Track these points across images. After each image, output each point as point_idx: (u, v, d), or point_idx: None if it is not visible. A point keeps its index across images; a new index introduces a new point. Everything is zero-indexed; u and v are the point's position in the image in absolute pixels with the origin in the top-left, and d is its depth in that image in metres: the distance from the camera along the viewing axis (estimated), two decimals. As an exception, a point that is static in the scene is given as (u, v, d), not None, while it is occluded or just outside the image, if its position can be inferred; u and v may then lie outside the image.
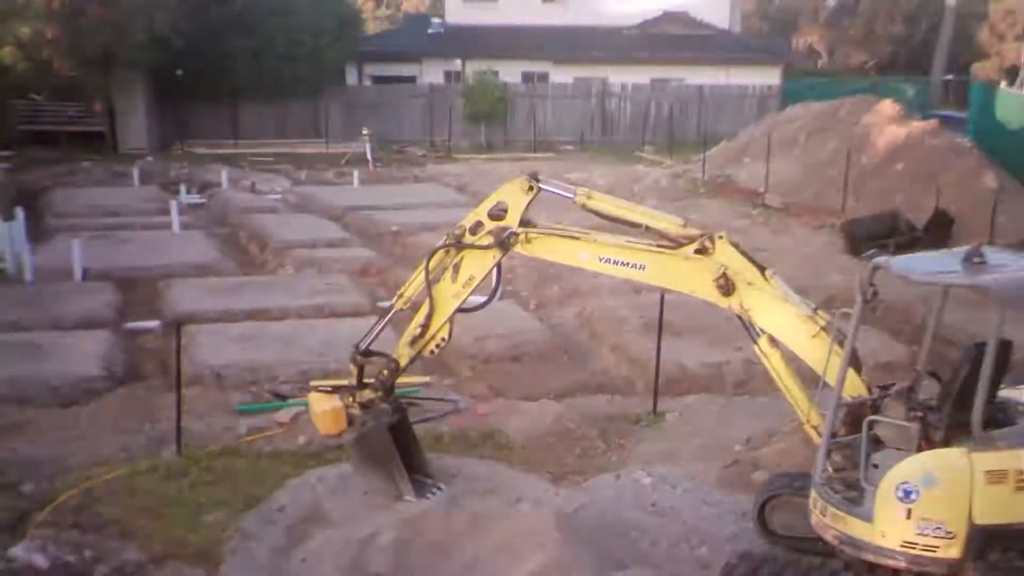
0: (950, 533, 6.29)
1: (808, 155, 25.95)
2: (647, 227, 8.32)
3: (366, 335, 9.05)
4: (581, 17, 41.92)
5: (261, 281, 17.30)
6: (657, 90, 40.27)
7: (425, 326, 8.70)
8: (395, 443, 8.99)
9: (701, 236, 7.95)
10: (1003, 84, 37.36)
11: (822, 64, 57.14)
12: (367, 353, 9.01)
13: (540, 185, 8.42)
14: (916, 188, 21.75)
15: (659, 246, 8.13)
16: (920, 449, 6.56)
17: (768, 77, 40.69)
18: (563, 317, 15.56)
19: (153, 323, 14.60)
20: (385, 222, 21.91)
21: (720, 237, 7.89)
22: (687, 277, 7.95)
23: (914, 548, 6.37)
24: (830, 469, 6.99)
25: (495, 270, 8.73)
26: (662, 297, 12.06)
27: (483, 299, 9.06)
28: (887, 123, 24.90)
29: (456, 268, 8.62)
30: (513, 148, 37.58)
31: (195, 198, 25.57)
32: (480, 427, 10.91)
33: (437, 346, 8.87)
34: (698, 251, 7.87)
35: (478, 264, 8.58)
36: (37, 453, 9.96)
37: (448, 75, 41.05)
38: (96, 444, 10.28)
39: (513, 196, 8.48)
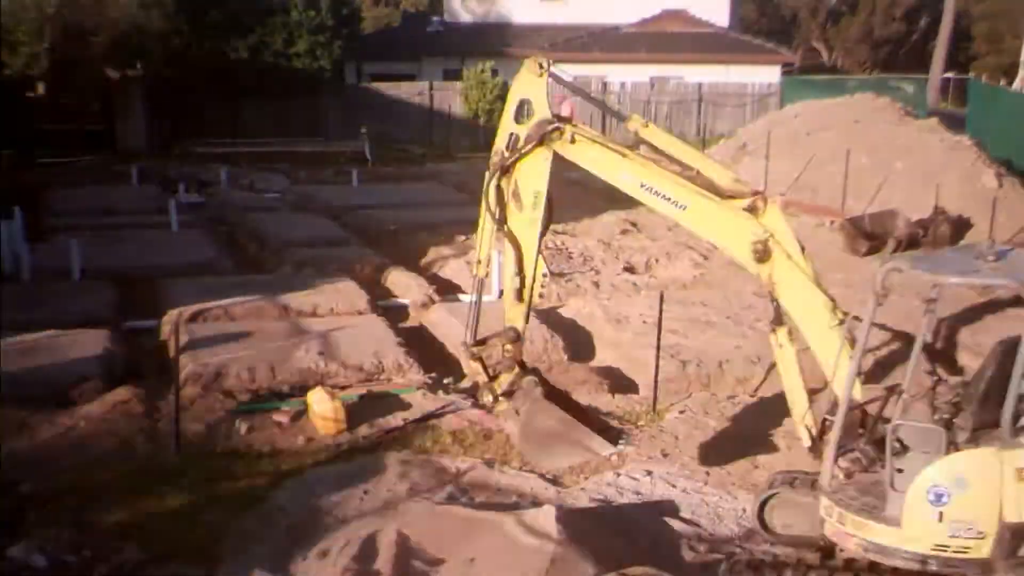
0: (981, 533, 6.27)
1: (807, 153, 25.92)
2: (699, 172, 7.91)
3: (468, 328, 8.52)
4: (580, 15, 41.87)
5: (260, 280, 17.26)
6: (656, 88, 40.22)
7: (521, 272, 8.15)
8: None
9: (755, 194, 7.61)
10: (1002, 82, 37.37)
11: (822, 62, 57.13)
12: (479, 342, 8.49)
13: (549, 70, 7.92)
14: (916, 187, 21.73)
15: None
16: (948, 451, 6.47)
17: (768, 75, 40.63)
18: (563, 316, 15.53)
19: (152, 322, 14.58)
20: (384, 221, 21.87)
21: (773, 201, 7.60)
22: (727, 230, 7.54)
23: (946, 550, 6.34)
24: (840, 475, 6.92)
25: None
26: (661, 296, 12.07)
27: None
28: (886, 122, 24.88)
29: (516, 195, 8.02)
30: (512, 146, 37.48)
31: (194, 197, 25.47)
32: (480, 427, 10.89)
33: (542, 285, 8.32)
34: (748, 209, 7.55)
35: (534, 174, 7.98)
36: (36, 453, 9.95)
37: (447, 73, 41.00)
38: (96, 444, 10.25)
39: (530, 86, 7.94)
